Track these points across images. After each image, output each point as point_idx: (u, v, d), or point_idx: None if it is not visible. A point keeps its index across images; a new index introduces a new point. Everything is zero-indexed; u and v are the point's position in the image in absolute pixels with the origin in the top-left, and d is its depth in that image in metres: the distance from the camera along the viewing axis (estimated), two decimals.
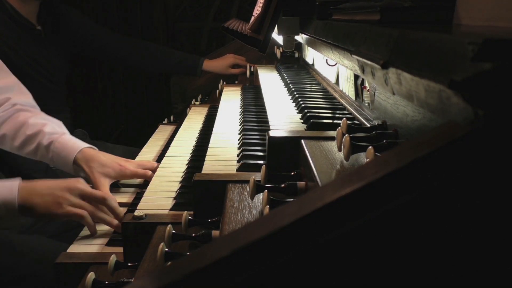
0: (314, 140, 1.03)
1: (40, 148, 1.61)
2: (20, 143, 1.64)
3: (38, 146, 1.61)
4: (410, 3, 0.85)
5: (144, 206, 1.24)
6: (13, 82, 1.76)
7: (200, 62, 2.77)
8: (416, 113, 0.78)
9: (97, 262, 1.09)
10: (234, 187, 1.04)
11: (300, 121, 1.30)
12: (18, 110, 1.69)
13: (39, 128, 1.62)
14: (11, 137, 1.66)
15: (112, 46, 2.67)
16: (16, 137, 1.65)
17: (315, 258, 0.46)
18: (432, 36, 0.57)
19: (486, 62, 0.44)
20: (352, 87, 1.39)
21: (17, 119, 1.67)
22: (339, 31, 1.04)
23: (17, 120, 1.67)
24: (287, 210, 0.48)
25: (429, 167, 0.45)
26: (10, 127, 1.66)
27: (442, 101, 0.50)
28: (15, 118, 1.67)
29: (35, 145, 1.62)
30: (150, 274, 0.72)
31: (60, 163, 1.59)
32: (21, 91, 1.77)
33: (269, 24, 1.57)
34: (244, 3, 3.56)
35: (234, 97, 2.07)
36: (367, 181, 0.46)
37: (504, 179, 0.45)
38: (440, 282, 0.48)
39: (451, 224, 0.46)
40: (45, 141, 1.60)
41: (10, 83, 1.75)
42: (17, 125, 1.65)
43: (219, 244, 0.49)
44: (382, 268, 0.48)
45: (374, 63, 0.70)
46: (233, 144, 1.41)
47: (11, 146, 1.68)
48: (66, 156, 1.56)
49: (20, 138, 1.64)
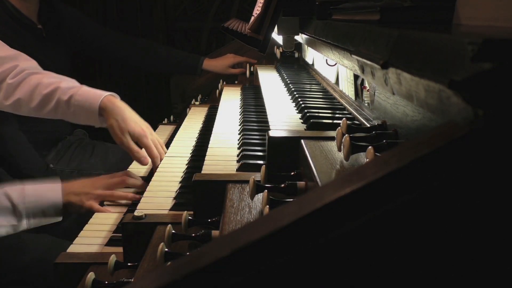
0: (314, 140, 1.03)
1: (60, 105, 1.58)
2: (38, 103, 1.61)
3: (57, 103, 1.58)
4: (410, 3, 0.85)
5: (144, 206, 1.24)
6: (16, 52, 1.74)
7: (200, 61, 2.76)
8: (416, 113, 0.78)
9: (97, 262, 1.09)
10: (234, 187, 1.04)
11: (300, 121, 1.30)
12: (29, 74, 1.66)
13: (55, 86, 1.59)
14: (27, 100, 1.62)
15: (112, 46, 2.67)
16: (32, 99, 1.61)
17: (315, 258, 0.46)
18: (432, 36, 0.57)
19: (486, 62, 0.44)
20: (352, 87, 1.39)
21: (30, 82, 1.63)
22: (339, 31, 1.04)
23: (30, 83, 1.63)
24: (287, 210, 0.48)
25: (429, 167, 0.45)
26: (25, 90, 1.63)
27: (442, 101, 0.50)
28: (27, 81, 1.64)
29: (54, 102, 1.58)
30: (150, 274, 0.72)
31: (83, 116, 1.57)
32: (25, 58, 1.74)
33: (269, 24, 1.57)
34: (244, 3, 3.55)
35: (234, 97, 2.07)
36: (367, 181, 0.46)
37: (504, 179, 0.45)
38: (440, 282, 0.48)
39: (451, 224, 0.46)
40: (64, 96, 1.57)
41: (13, 52, 1.73)
42: (31, 87, 1.62)
43: (219, 244, 0.49)
44: (382, 268, 0.48)
45: (373, 63, 0.70)
46: (233, 144, 1.41)
47: (28, 109, 1.65)
48: (89, 107, 1.54)
49: (37, 98, 1.60)
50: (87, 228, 1.33)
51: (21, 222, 1.35)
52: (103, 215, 1.40)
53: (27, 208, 1.34)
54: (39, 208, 1.36)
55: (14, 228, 1.35)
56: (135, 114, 1.59)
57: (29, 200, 1.35)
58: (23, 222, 1.35)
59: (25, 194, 1.35)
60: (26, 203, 1.34)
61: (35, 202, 1.36)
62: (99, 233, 1.30)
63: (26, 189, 1.37)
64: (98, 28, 2.64)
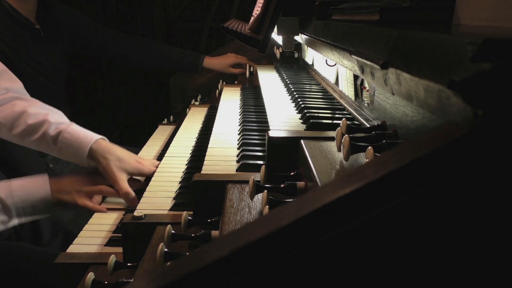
0: (314, 140, 1.03)
1: (46, 138, 1.53)
2: (20, 132, 1.56)
3: (43, 136, 1.53)
4: (410, 3, 0.85)
5: (143, 206, 1.24)
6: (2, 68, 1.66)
7: (200, 59, 2.76)
8: (415, 113, 0.78)
9: (97, 262, 1.09)
10: (233, 187, 1.04)
11: (299, 121, 1.30)
12: (12, 98, 1.60)
13: (43, 118, 1.54)
14: (9, 126, 1.57)
15: (111, 44, 2.67)
16: (14, 126, 1.56)
17: (314, 258, 0.46)
18: (432, 36, 0.57)
19: (485, 62, 0.44)
20: (352, 87, 1.39)
21: (13, 108, 1.57)
22: (338, 31, 1.04)
23: (13, 109, 1.57)
24: (287, 210, 0.48)
25: (429, 167, 0.45)
26: (7, 115, 1.57)
27: (442, 101, 0.50)
28: (10, 106, 1.58)
29: (39, 134, 1.53)
30: (150, 274, 0.72)
31: (69, 154, 1.52)
32: (11, 78, 1.67)
33: (268, 24, 1.57)
34: (243, 3, 3.56)
35: (234, 97, 2.07)
36: (366, 181, 0.46)
37: (503, 179, 0.45)
38: (439, 282, 0.48)
39: (450, 224, 0.46)
40: (51, 131, 1.52)
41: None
42: (15, 114, 1.56)
43: (219, 244, 0.49)
44: (381, 268, 0.48)
45: (373, 63, 0.70)
46: (232, 144, 1.41)
47: (7, 135, 1.60)
48: (79, 147, 1.49)
49: (20, 127, 1.55)
50: (86, 228, 1.33)
51: (11, 218, 1.34)
52: (103, 215, 1.40)
53: (15, 203, 1.33)
54: (28, 203, 1.35)
55: (4, 224, 1.34)
56: (126, 151, 1.55)
57: (17, 195, 1.33)
58: (14, 218, 1.34)
59: (12, 189, 1.34)
60: (14, 198, 1.33)
61: (23, 197, 1.34)
62: (99, 233, 1.30)
63: (13, 185, 1.36)
64: (96, 27, 2.64)
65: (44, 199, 1.37)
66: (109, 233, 1.30)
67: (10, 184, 1.36)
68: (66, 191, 1.42)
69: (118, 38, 2.69)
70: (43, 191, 1.37)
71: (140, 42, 2.80)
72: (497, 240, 0.47)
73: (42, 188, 1.38)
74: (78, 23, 2.54)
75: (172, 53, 2.79)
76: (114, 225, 1.34)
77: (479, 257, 0.48)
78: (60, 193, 1.40)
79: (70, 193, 1.42)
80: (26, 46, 2.25)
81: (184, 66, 2.80)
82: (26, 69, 2.23)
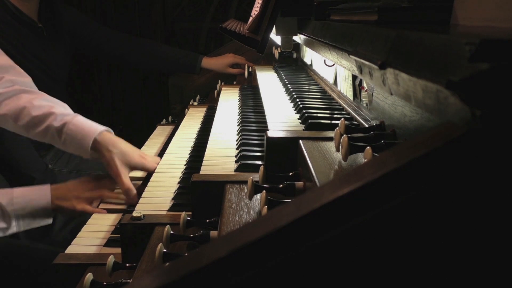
0: (312, 141, 1.03)
1: (50, 130, 1.52)
2: (26, 123, 1.55)
3: (48, 127, 1.52)
4: (408, 4, 0.85)
5: (142, 207, 1.24)
6: (11, 64, 1.68)
7: (199, 60, 2.75)
8: (413, 113, 0.79)
9: (95, 263, 1.09)
10: (232, 187, 1.04)
11: (298, 122, 1.30)
12: (19, 91, 1.60)
13: (48, 110, 1.54)
14: (14, 118, 1.57)
15: (110, 45, 2.67)
16: (19, 118, 1.56)
17: (313, 258, 0.46)
18: (430, 37, 0.57)
19: (483, 63, 0.44)
20: (350, 88, 1.39)
21: (18, 101, 1.58)
22: (337, 31, 1.04)
23: (18, 102, 1.58)
24: (285, 211, 0.48)
25: (427, 168, 0.45)
26: (12, 107, 1.57)
27: (440, 102, 0.50)
28: (16, 99, 1.58)
29: (44, 126, 1.53)
30: (148, 275, 0.72)
31: (73, 146, 1.51)
32: (19, 72, 1.68)
33: (267, 24, 1.57)
34: (242, 3, 3.56)
35: (232, 97, 2.07)
36: (364, 181, 0.46)
37: (501, 180, 0.45)
38: (438, 282, 0.48)
39: (448, 224, 0.47)
40: (56, 122, 1.51)
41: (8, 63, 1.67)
42: (20, 106, 1.57)
43: (217, 244, 0.49)
44: (379, 268, 0.48)
45: (371, 63, 0.70)
46: (231, 144, 1.41)
47: (14, 127, 1.60)
48: (83, 139, 1.48)
49: (25, 119, 1.55)
50: (85, 229, 1.33)
51: (10, 225, 1.35)
52: (101, 215, 1.40)
53: (15, 211, 1.34)
54: (28, 210, 1.37)
55: (3, 230, 1.35)
56: (130, 145, 1.54)
57: (17, 202, 1.35)
58: (13, 225, 1.35)
59: (14, 197, 1.36)
60: (14, 205, 1.34)
61: (23, 205, 1.36)
62: (98, 234, 1.30)
63: (15, 192, 1.38)
64: (96, 27, 2.64)
65: (44, 209, 1.39)
66: (107, 234, 1.30)
67: (12, 191, 1.37)
68: (65, 198, 1.43)
69: (116, 38, 2.69)
70: (44, 201, 1.39)
71: (138, 42, 2.80)
72: (495, 240, 0.47)
73: (43, 197, 1.39)
74: (79, 23, 2.54)
75: (170, 53, 2.79)
76: (112, 225, 1.34)
77: (477, 257, 0.48)
78: (59, 200, 1.41)
79: (69, 200, 1.43)
80: (29, 45, 2.26)
81: (182, 66, 2.79)
82: (29, 67, 2.22)
